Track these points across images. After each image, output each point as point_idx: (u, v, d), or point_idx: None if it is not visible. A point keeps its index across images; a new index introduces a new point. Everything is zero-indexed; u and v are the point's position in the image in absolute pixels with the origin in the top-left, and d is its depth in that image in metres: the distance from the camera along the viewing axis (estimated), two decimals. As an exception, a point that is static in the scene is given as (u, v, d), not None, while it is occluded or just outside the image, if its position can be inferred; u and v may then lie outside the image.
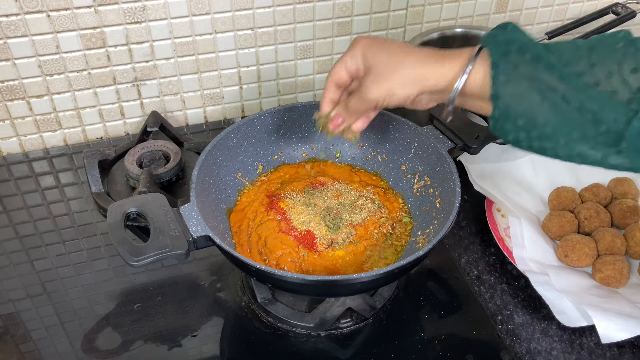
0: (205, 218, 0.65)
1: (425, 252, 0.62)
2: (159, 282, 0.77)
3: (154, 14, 0.89)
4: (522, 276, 0.75)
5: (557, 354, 0.69)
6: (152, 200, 0.66)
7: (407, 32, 1.05)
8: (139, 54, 0.92)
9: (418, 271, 0.78)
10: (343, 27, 1.00)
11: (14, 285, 0.76)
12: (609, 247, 0.76)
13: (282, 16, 0.95)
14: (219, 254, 0.65)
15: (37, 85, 0.90)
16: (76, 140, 0.99)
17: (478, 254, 0.81)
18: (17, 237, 0.83)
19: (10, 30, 0.84)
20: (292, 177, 0.82)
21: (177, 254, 0.61)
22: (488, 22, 1.09)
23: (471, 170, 0.85)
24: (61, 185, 0.91)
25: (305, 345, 0.69)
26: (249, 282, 0.75)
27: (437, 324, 0.72)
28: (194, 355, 0.68)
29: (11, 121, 0.93)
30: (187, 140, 0.96)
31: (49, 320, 0.72)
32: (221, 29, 0.94)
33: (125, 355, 0.68)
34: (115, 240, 0.61)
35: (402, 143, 0.80)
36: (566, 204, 0.83)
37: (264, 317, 0.72)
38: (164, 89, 0.98)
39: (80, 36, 0.87)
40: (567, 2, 1.11)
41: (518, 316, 0.73)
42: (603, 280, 0.74)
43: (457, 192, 0.68)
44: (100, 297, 0.75)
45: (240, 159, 0.80)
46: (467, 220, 0.86)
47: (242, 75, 1.00)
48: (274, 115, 0.81)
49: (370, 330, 0.71)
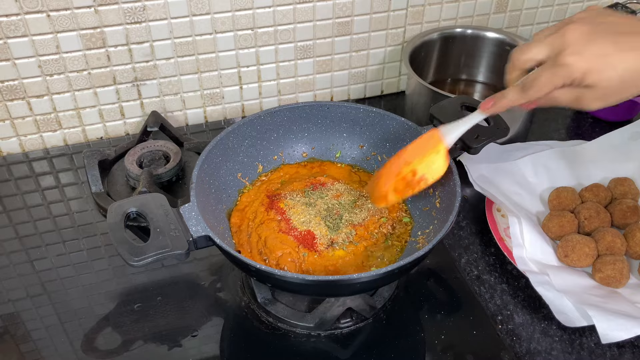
0: (205, 218, 0.65)
1: (425, 252, 0.62)
2: (159, 282, 0.77)
3: (154, 14, 0.89)
4: (522, 276, 0.75)
5: (557, 354, 0.69)
6: (152, 200, 0.66)
7: (407, 32, 1.05)
8: (139, 54, 0.92)
9: (418, 271, 0.78)
10: (343, 27, 1.00)
11: (14, 285, 0.76)
12: (609, 247, 0.76)
13: (282, 16, 0.95)
14: (219, 254, 0.65)
15: (37, 85, 0.90)
16: (76, 140, 0.99)
17: (478, 254, 0.81)
18: (17, 237, 0.83)
19: (10, 30, 0.84)
20: (292, 177, 0.82)
21: (177, 254, 0.61)
22: (488, 22, 1.09)
23: (471, 170, 0.85)
24: (61, 185, 0.91)
25: (305, 345, 0.69)
26: (249, 282, 0.75)
27: (437, 324, 0.72)
28: (194, 355, 0.68)
29: (11, 121, 0.93)
30: (187, 140, 0.96)
31: (49, 320, 0.72)
32: (221, 29, 0.94)
33: (125, 355, 0.68)
34: (115, 240, 0.61)
35: (402, 143, 0.80)
36: (566, 204, 0.83)
37: (264, 317, 0.72)
38: (164, 89, 0.98)
39: (80, 36, 0.87)
40: (567, 2, 1.11)
41: (518, 316, 0.73)
42: (603, 280, 0.74)
43: (457, 192, 0.68)
44: (100, 297, 0.75)
45: (240, 159, 0.80)
46: (467, 220, 0.86)
47: (242, 75, 1.00)
48: (274, 115, 0.81)
49: (370, 330, 0.71)
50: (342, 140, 0.84)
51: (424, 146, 0.68)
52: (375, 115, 0.81)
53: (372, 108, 0.81)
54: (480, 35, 1.04)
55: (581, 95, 0.54)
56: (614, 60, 0.52)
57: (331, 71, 1.05)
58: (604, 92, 0.53)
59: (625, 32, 0.52)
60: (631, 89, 0.53)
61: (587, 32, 0.53)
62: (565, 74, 0.53)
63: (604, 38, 0.52)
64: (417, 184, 0.68)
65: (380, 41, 1.04)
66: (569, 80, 0.54)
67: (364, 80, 1.09)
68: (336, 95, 1.10)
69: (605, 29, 0.53)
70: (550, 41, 0.55)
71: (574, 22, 0.54)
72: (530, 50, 0.57)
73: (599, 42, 0.52)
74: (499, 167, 0.87)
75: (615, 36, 0.52)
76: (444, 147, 0.67)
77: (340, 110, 0.82)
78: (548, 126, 1.05)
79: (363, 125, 0.82)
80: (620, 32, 0.53)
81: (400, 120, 0.80)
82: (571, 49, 0.53)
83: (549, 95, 0.56)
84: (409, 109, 1.01)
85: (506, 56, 1.02)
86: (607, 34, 0.53)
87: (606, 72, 0.52)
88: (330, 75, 1.06)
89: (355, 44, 1.03)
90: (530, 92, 0.56)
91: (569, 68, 0.53)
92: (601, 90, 0.53)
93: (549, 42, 0.55)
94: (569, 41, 0.53)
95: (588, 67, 0.52)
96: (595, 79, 0.52)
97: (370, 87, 1.11)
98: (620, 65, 0.52)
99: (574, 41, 0.53)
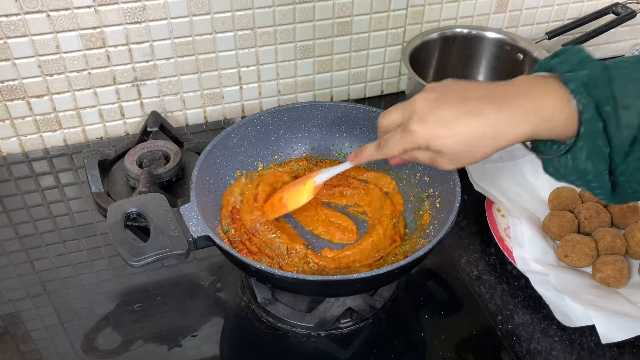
0: (205, 218, 0.65)
1: (425, 252, 0.62)
2: (159, 282, 0.77)
3: (154, 14, 0.89)
4: (522, 276, 0.75)
5: (557, 354, 0.69)
6: (152, 200, 0.66)
7: (407, 32, 1.05)
8: (139, 54, 0.92)
9: (418, 271, 0.78)
10: (343, 27, 1.00)
11: (14, 285, 0.76)
12: (609, 247, 0.76)
13: (282, 16, 0.95)
14: (219, 254, 0.65)
15: (37, 85, 0.90)
16: (76, 140, 0.99)
17: (478, 254, 0.81)
18: (17, 237, 0.83)
19: (10, 30, 0.84)
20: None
21: (177, 254, 0.61)
22: (488, 22, 1.09)
23: (471, 170, 0.85)
24: (61, 185, 0.91)
25: (305, 345, 0.69)
26: (249, 282, 0.75)
27: (437, 324, 0.72)
28: (194, 355, 0.68)
29: (11, 121, 0.93)
30: (187, 140, 0.96)
31: (49, 320, 0.72)
32: (221, 29, 0.94)
33: (125, 355, 0.68)
34: (115, 240, 0.62)
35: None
36: (566, 204, 0.83)
37: (264, 317, 0.72)
38: (164, 89, 0.98)
39: (80, 36, 0.87)
40: (567, 2, 1.11)
41: (518, 316, 0.73)
42: (603, 280, 0.74)
43: (457, 192, 0.68)
44: (100, 297, 0.75)
45: (240, 159, 0.80)
46: (467, 220, 0.86)
47: (242, 75, 1.00)
48: (274, 115, 0.81)
49: (370, 330, 0.71)
50: (342, 140, 0.84)
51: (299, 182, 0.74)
52: (375, 115, 0.81)
53: (372, 108, 0.81)
54: (480, 35, 1.03)
55: (434, 157, 0.56)
56: (456, 126, 0.53)
57: (331, 71, 1.05)
58: (452, 156, 0.55)
59: (470, 97, 0.53)
60: (480, 151, 0.53)
61: (433, 100, 0.54)
62: (411, 139, 0.55)
63: (448, 105, 0.53)
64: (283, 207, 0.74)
65: (380, 41, 1.04)
66: (415, 145, 0.56)
67: (364, 80, 1.09)
68: (336, 95, 1.10)
69: (452, 96, 0.54)
70: (404, 108, 0.58)
71: (425, 91, 0.56)
72: (389, 116, 0.60)
73: (443, 109, 0.54)
74: (499, 167, 0.87)
75: (460, 102, 0.53)
76: (312, 183, 0.72)
77: (340, 110, 0.82)
78: (548, 126, 1.05)
79: (363, 125, 0.82)
80: (465, 97, 0.53)
81: (400, 120, 0.80)
82: (417, 117, 0.55)
83: (407, 155, 0.58)
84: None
85: (506, 56, 1.03)
86: (452, 100, 0.54)
87: (449, 138, 0.53)
88: (330, 75, 1.06)
89: (355, 44, 1.03)
90: (384, 150, 0.59)
91: (414, 135, 0.55)
92: (449, 155, 0.54)
93: (403, 108, 0.58)
94: (416, 109, 0.55)
95: (431, 134, 0.54)
96: (440, 145, 0.54)
97: (370, 87, 1.11)
98: (462, 130, 0.52)
99: (420, 109, 0.55)
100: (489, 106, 0.52)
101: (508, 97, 0.53)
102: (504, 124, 0.52)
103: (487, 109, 0.52)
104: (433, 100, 0.55)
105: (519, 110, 0.52)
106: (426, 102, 0.55)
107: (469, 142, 0.53)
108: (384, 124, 0.60)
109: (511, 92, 0.53)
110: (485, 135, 0.52)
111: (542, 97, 0.51)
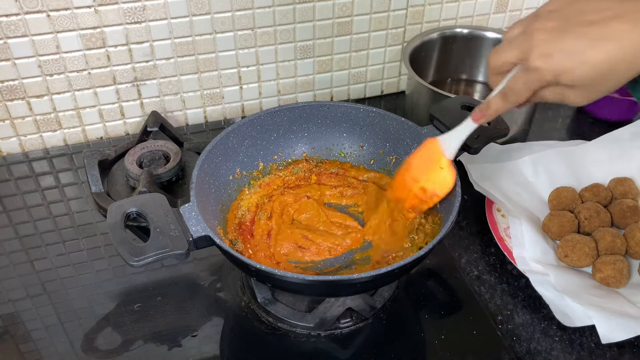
0: (205, 218, 0.65)
1: (425, 252, 0.62)
2: (159, 282, 0.77)
3: (154, 14, 0.89)
4: (522, 276, 0.75)
5: (557, 354, 0.69)
6: (152, 200, 0.66)
7: (407, 32, 1.05)
8: (139, 54, 0.92)
9: (418, 271, 0.78)
10: (343, 27, 1.00)
11: (14, 285, 0.76)
12: (609, 247, 0.76)
13: (282, 16, 0.95)
14: (219, 254, 0.65)
15: (37, 85, 0.90)
16: (76, 140, 0.99)
17: (478, 254, 0.81)
18: (17, 237, 0.83)
19: (10, 30, 0.84)
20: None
21: (177, 254, 0.61)
22: (488, 22, 1.09)
23: (471, 170, 0.85)
24: (61, 185, 0.91)
25: (305, 345, 0.69)
26: (249, 282, 0.75)
27: (437, 324, 0.72)
28: (194, 355, 0.68)
29: (11, 121, 0.93)
30: (187, 140, 0.96)
31: (49, 320, 0.72)
32: (221, 29, 0.94)
33: (125, 355, 0.68)
34: (115, 240, 0.61)
35: (402, 143, 0.80)
36: (566, 204, 0.83)
37: (264, 317, 0.72)
38: (164, 89, 0.98)
39: (80, 36, 0.87)
40: (567, 2, 1.11)
41: (518, 316, 0.73)
42: (603, 280, 0.74)
43: (457, 192, 0.68)
44: (100, 297, 0.75)
45: (240, 159, 0.80)
46: (467, 220, 0.86)
47: (242, 75, 1.00)
48: (274, 115, 0.81)
49: (370, 330, 0.71)
50: (342, 140, 0.84)
51: (427, 161, 0.68)
52: (375, 115, 0.81)
53: (372, 108, 0.81)
54: (480, 35, 1.04)
55: (564, 93, 0.52)
56: (586, 55, 0.48)
57: (331, 71, 1.05)
58: (584, 89, 0.50)
59: (594, 20, 0.48)
60: (613, 79, 0.49)
61: (553, 29, 0.50)
62: (538, 78, 0.51)
63: (572, 33, 0.49)
64: (430, 199, 0.70)
65: (380, 41, 1.05)
66: (544, 83, 0.51)
67: (364, 80, 1.09)
68: (336, 95, 1.10)
69: (575, 20, 0.49)
70: (519, 43, 0.52)
71: (541, 18, 0.51)
72: (501, 54, 0.54)
73: (567, 39, 0.49)
74: (499, 167, 0.87)
75: (584, 27, 0.48)
76: (447, 161, 0.67)
77: (340, 110, 0.82)
78: (548, 126, 1.05)
79: (363, 125, 0.82)
80: (589, 22, 0.48)
81: (400, 120, 0.80)
82: (539, 51, 0.50)
83: (534, 96, 0.54)
84: (409, 109, 1.01)
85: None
86: (575, 26, 0.49)
87: (580, 69, 0.49)
88: (330, 75, 1.06)
89: (355, 44, 1.03)
90: (512, 98, 0.55)
91: (540, 72, 0.50)
92: (580, 88, 0.50)
93: (518, 44, 0.52)
94: (536, 42, 0.50)
95: (559, 68, 0.50)
96: (571, 78, 0.50)
97: (370, 87, 1.11)
98: (593, 60, 0.48)
99: (541, 42, 0.50)
100: (624, 26, 0.47)
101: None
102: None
103: (622, 30, 0.47)
104: (553, 29, 0.49)
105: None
106: (545, 32, 0.49)
107: (602, 71, 0.48)
108: (496, 64, 0.55)
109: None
110: (625, 61, 0.47)
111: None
